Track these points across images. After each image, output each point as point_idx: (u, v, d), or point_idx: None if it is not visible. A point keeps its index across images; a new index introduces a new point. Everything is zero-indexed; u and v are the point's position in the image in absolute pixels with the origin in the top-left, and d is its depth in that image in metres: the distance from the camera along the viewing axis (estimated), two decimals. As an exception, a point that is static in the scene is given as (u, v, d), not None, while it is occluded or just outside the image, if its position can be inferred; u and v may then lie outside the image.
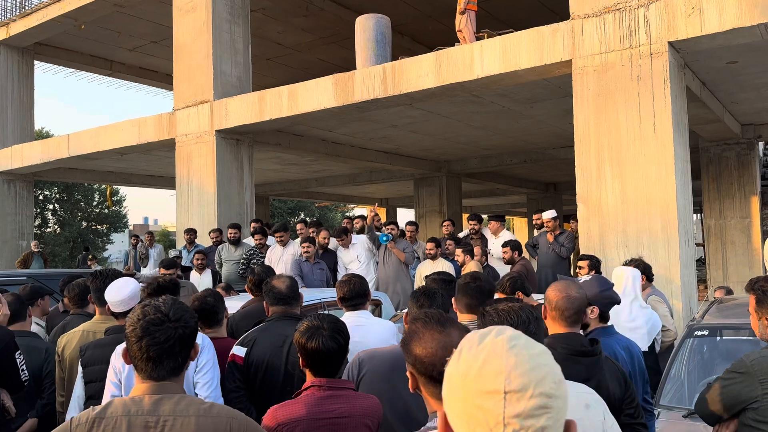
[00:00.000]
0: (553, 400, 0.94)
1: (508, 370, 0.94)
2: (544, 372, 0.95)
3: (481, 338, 1.00)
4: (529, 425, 0.91)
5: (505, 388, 0.93)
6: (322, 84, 8.89)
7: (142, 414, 1.91)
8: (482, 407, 0.93)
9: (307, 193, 20.66)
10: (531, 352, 0.97)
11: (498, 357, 0.96)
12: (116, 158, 12.95)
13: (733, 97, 9.34)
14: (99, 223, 36.64)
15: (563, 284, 2.69)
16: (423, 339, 1.60)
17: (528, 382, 0.93)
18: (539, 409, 0.92)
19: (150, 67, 16.89)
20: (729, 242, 11.73)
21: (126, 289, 3.43)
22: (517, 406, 0.92)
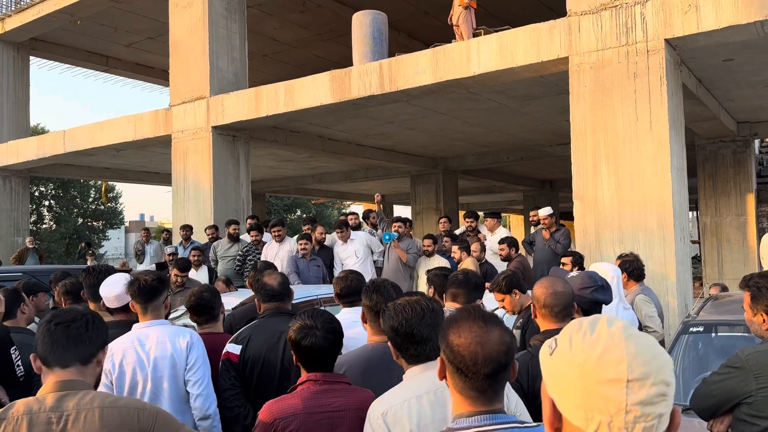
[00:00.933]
0: (670, 388, 0.97)
1: (629, 358, 0.97)
2: (663, 360, 0.98)
3: (592, 327, 1.02)
4: (649, 412, 0.95)
5: (628, 377, 0.95)
6: (318, 80, 8.88)
7: (45, 411, 1.91)
8: (604, 395, 0.96)
9: (304, 189, 20.65)
10: (647, 341, 1.00)
11: (617, 346, 0.98)
12: (112, 154, 12.91)
13: (729, 95, 9.36)
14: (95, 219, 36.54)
15: (548, 280, 2.72)
16: (461, 328, 1.57)
17: (649, 371, 0.96)
18: (659, 397, 0.95)
19: (146, 63, 16.84)
20: (724, 240, 11.76)
21: (120, 284, 3.43)
22: (639, 393, 0.95)
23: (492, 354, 1.53)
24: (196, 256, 8.68)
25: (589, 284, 3.08)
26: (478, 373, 1.52)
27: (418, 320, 2.10)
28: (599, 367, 0.97)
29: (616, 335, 1.00)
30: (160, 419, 2.04)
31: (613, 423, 0.94)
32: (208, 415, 3.04)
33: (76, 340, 2.04)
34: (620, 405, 0.94)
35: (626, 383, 0.95)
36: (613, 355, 0.97)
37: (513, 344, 1.60)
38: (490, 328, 1.58)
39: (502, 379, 1.56)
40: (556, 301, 2.58)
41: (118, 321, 3.43)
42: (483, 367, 1.52)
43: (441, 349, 1.60)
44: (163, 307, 3.22)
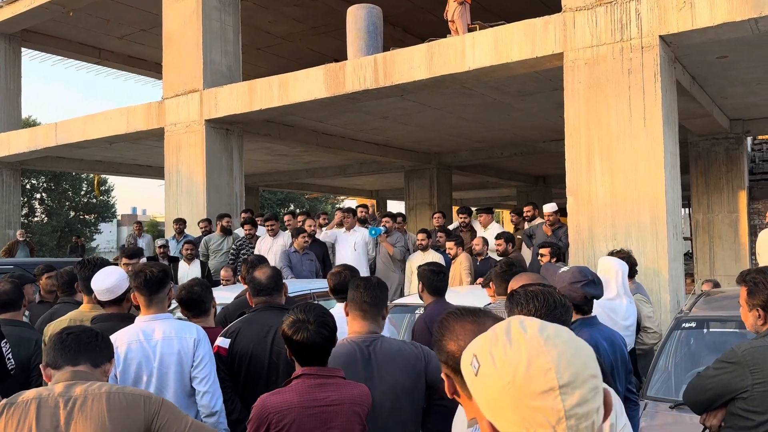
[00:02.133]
0: (598, 379, 0.96)
1: (555, 364, 0.94)
2: (584, 355, 0.97)
3: (509, 336, 0.99)
4: (588, 409, 0.93)
5: (559, 383, 0.93)
6: (312, 74, 8.84)
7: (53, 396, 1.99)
8: (540, 408, 0.93)
9: (297, 184, 20.60)
10: (563, 338, 0.98)
11: (540, 353, 0.95)
12: (104, 147, 12.84)
13: (723, 92, 9.38)
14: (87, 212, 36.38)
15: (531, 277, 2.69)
16: (455, 332, 1.47)
17: (577, 371, 0.94)
18: (592, 392, 0.94)
19: (139, 56, 16.73)
20: (716, 236, 11.82)
21: (112, 277, 3.41)
22: (574, 396, 0.93)
23: None
24: (189, 249, 8.65)
25: (580, 279, 3.08)
26: None
27: (548, 311, 2.05)
28: (528, 381, 0.93)
29: (535, 341, 0.97)
30: (165, 407, 2.10)
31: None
32: (215, 412, 3.01)
33: (86, 346, 2.16)
34: (559, 414, 0.92)
35: (559, 390, 0.92)
36: (538, 365, 0.94)
37: None
38: (483, 321, 1.51)
39: None
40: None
41: (110, 314, 3.41)
42: None
43: (441, 363, 1.48)
44: (167, 300, 3.20)
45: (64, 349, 2.14)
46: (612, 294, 4.15)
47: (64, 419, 1.95)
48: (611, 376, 2.93)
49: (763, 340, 2.46)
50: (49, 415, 1.95)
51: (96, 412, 1.98)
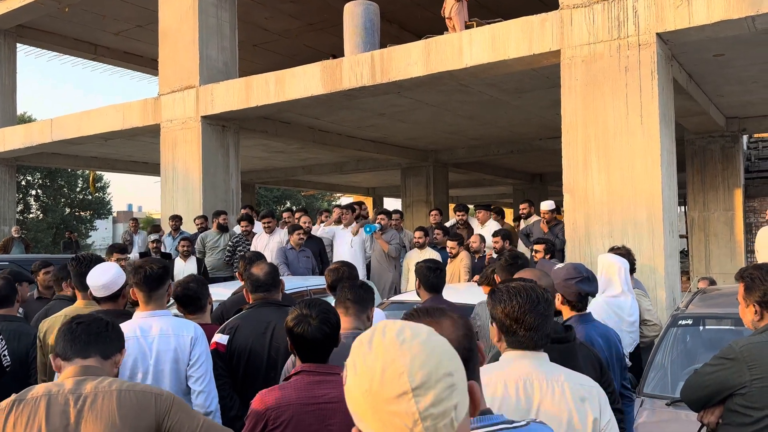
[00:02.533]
0: (455, 375, 0.96)
1: (407, 367, 0.95)
2: (438, 354, 0.97)
3: (369, 344, 1.00)
4: (444, 408, 0.94)
5: (411, 386, 0.93)
6: (309, 71, 8.82)
7: (63, 393, 1.95)
8: (396, 412, 0.94)
9: (294, 181, 20.57)
10: (419, 339, 0.98)
11: (394, 359, 0.96)
12: (100, 143, 12.79)
13: (719, 90, 9.40)
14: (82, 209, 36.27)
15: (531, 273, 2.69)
16: None
17: (430, 371, 0.95)
18: (447, 390, 0.95)
19: (135, 52, 16.67)
20: (712, 234, 11.85)
21: (107, 274, 3.39)
22: (427, 397, 0.93)
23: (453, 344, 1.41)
24: (185, 246, 8.63)
25: (574, 275, 3.08)
26: None
27: (531, 307, 2.06)
28: (383, 387, 0.94)
29: (391, 346, 0.97)
30: (176, 405, 2.08)
31: None
32: (210, 412, 3.00)
33: (96, 337, 2.14)
34: (414, 416, 0.92)
35: (412, 393, 0.93)
36: (392, 370, 0.95)
37: (469, 327, 1.53)
38: (440, 320, 1.52)
39: (473, 367, 1.48)
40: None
41: (106, 310, 3.39)
42: None
43: None
44: (166, 297, 3.19)
45: (74, 339, 2.11)
46: (617, 291, 4.14)
47: (74, 417, 1.92)
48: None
49: (760, 336, 2.46)
50: (59, 413, 1.92)
51: (106, 411, 1.96)
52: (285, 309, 3.43)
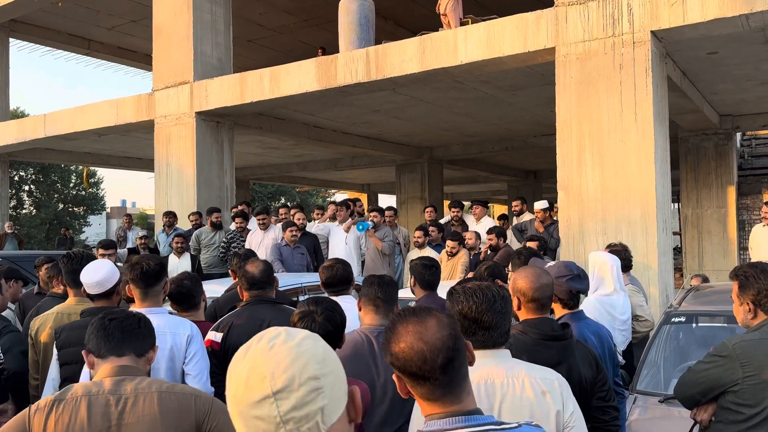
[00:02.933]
0: (322, 379, 0.97)
1: (270, 371, 0.96)
2: (305, 358, 0.98)
3: (246, 350, 1.02)
4: (307, 412, 0.95)
5: (272, 390, 0.95)
6: (304, 67, 8.80)
7: (103, 393, 1.93)
8: (259, 416, 0.95)
9: (288, 177, 20.54)
10: (290, 344, 1.00)
11: (259, 363, 0.98)
12: (94, 139, 12.73)
13: (713, 88, 9.43)
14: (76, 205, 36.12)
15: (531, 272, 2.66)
16: (398, 334, 1.48)
17: (292, 375, 0.96)
18: (311, 394, 0.96)
19: (129, 47, 16.58)
20: (705, 231, 11.90)
21: (102, 270, 3.37)
22: (288, 401, 0.94)
23: (437, 344, 1.44)
24: (179, 243, 8.60)
25: (565, 273, 3.08)
26: (434, 369, 1.43)
27: (488, 306, 2.06)
28: (247, 392, 0.96)
29: (260, 351, 0.99)
30: (215, 406, 2.06)
31: None
32: None
33: (130, 334, 2.12)
34: (276, 420, 0.94)
35: (273, 397, 0.94)
36: (256, 375, 0.96)
37: (455, 327, 1.52)
38: (425, 320, 1.50)
39: (460, 366, 1.48)
40: (540, 294, 2.56)
41: (100, 307, 3.38)
42: (434, 360, 1.43)
43: (389, 363, 1.51)
44: (162, 294, 3.18)
45: (107, 337, 2.08)
46: (609, 290, 4.14)
47: (115, 419, 1.91)
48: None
49: (753, 334, 2.48)
50: (101, 414, 1.90)
51: (147, 413, 1.94)
52: (279, 307, 3.43)
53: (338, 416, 0.98)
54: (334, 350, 1.06)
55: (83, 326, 3.22)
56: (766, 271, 2.51)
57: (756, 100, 10.29)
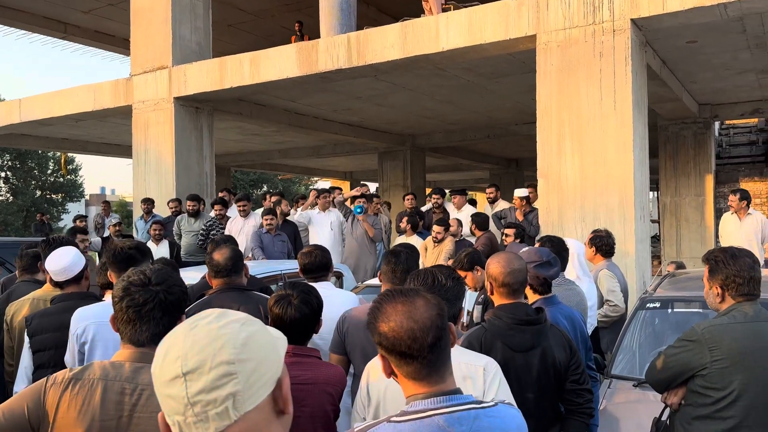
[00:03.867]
0: (237, 365, 0.95)
1: (185, 351, 0.96)
2: (222, 341, 0.96)
3: (175, 328, 1.02)
4: (215, 397, 0.93)
5: (183, 370, 0.94)
6: (285, 52, 8.71)
7: (120, 380, 1.86)
8: (170, 395, 0.95)
9: (270, 165, 20.40)
10: (213, 326, 0.98)
11: (176, 343, 0.98)
12: (71, 125, 12.52)
13: (692, 77, 9.51)
14: (54, 192, 35.61)
15: (504, 257, 2.69)
16: (385, 313, 1.51)
17: (204, 358, 0.95)
18: (222, 378, 0.94)
19: (106, 31, 16.30)
20: (683, 219, 12.05)
21: (65, 258, 3.33)
22: (197, 383, 0.94)
23: (426, 323, 1.48)
24: (157, 230, 8.53)
25: (534, 260, 3.11)
26: (423, 348, 1.46)
27: (427, 290, 2.04)
28: (162, 370, 0.97)
29: (181, 331, 0.99)
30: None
31: (187, 420, 0.94)
32: None
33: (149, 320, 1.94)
34: (184, 400, 0.94)
35: (183, 377, 0.94)
36: (172, 354, 0.96)
37: (442, 306, 1.55)
38: (413, 300, 1.53)
39: (445, 346, 1.51)
40: (512, 279, 2.61)
41: (70, 293, 3.34)
42: (424, 339, 1.46)
43: (377, 344, 1.53)
44: None
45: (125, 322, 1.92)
46: (572, 276, 4.20)
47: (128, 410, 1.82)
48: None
49: (721, 319, 2.51)
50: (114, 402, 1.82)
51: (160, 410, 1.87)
52: (248, 294, 3.39)
53: (256, 404, 0.96)
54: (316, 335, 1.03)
55: (54, 313, 3.20)
56: (736, 257, 2.54)
57: (734, 89, 10.39)
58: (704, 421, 2.45)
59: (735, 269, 2.50)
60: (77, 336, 2.88)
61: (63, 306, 3.19)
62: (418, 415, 1.44)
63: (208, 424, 0.94)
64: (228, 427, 0.94)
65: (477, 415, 1.47)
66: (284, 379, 1.02)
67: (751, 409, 2.34)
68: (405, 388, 1.53)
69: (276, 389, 1.00)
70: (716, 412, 2.39)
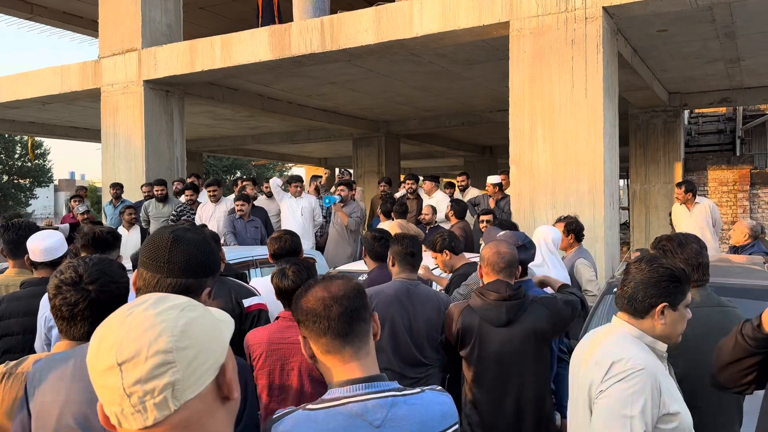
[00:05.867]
0: (175, 353, 0.91)
1: (119, 340, 0.92)
2: (159, 329, 0.92)
3: (109, 318, 0.97)
4: (153, 387, 0.90)
5: (117, 360, 0.91)
6: (257, 35, 8.60)
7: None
8: (106, 385, 0.92)
9: (243, 150, 20.20)
10: (149, 312, 0.94)
11: (111, 330, 0.94)
12: (38, 108, 12.23)
13: (663, 65, 9.62)
14: (21, 177, 34.85)
15: (495, 243, 3.00)
16: (308, 292, 1.58)
17: (140, 346, 0.91)
18: (159, 368, 0.90)
19: (74, 12, 15.88)
20: (652, 206, 12.25)
21: (51, 238, 3.31)
22: (133, 373, 0.90)
23: (339, 293, 1.54)
24: (130, 214, 8.39)
25: (511, 243, 3.17)
26: (332, 316, 1.50)
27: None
28: (97, 360, 0.93)
29: (116, 318, 0.95)
30: None
31: (124, 410, 0.91)
32: None
33: (81, 318, 1.84)
34: (120, 390, 0.90)
35: (119, 367, 0.90)
36: (106, 343, 0.93)
37: (360, 289, 1.59)
38: (332, 280, 1.60)
39: (360, 319, 1.54)
40: (498, 259, 2.90)
41: (42, 278, 3.28)
42: (335, 307, 1.51)
43: (297, 321, 1.59)
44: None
45: (59, 319, 1.83)
46: (537, 261, 4.25)
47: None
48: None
49: None
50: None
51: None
52: (221, 279, 3.36)
53: (197, 393, 0.93)
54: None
55: (23, 297, 3.14)
56: (683, 244, 2.56)
57: (703, 77, 10.56)
58: None
59: (683, 257, 2.53)
60: (45, 320, 2.85)
61: (33, 291, 3.13)
62: (333, 402, 1.45)
63: (146, 414, 0.90)
64: (167, 417, 0.91)
65: (395, 402, 1.47)
66: (228, 363, 0.98)
67: (693, 393, 2.38)
68: (325, 374, 1.54)
69: (219, 375, 0.96)
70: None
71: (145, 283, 1.76)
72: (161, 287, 1.74)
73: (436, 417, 1.51)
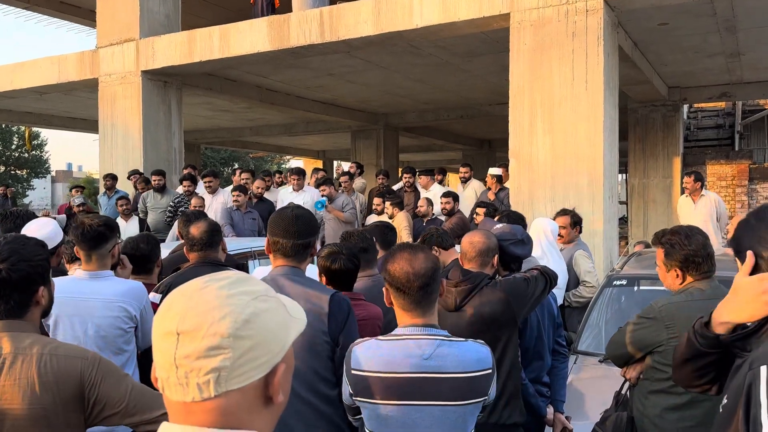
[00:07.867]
0: (232, 340, 0.89)
1: (186, 310, 0.91)
2: (225, 312, 0.90)
3: (188, 283, 0.97)
4: (200, 366, 0.89)
5: (178, 329, 0.90)
6: (256, 26, 8.55)
7: None
8: (162, 349, 0.91)
9: (241, 142, 20.14)
10: (222, 292, 0.93)
11: (183, 298, 0.93)
12: (35, 98, 12.17)
13: (663, 59, 9.60)
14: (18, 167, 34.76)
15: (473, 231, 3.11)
16: (394, 257, 2.04)
17: (201, 323, 0.90)
18: (213, 350, 0.89)
19: (72, 2, 15.79)
20: (651, 201, 12.24)
21: (46, 227, 3.27)
22: (188, 346, 0.89)
23: (420, 271, 1.98)
24: (124, 205, 8.37)
25: (507, 237, 3.12)
26: (412, 288, 1.98)
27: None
28: (162, 321, 0.93)
29: (191, 287, 0.94)
30: (102, 368, 1.90)
31: (170, 378, 0.91)
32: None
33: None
34: (171, 358, 0.90)
35: (177, 336, 0.90)
36: (175, 308, 0.92)
37: (437, 264, 2.03)
38: (417, 253, 2.04)
39: (432, 291, 2.01)
40: (469, 248, 2.93)
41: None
42: (414, 281, 1.97)
43: (384, 278, 2.06)
44: (110, 257, 2.99)
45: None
46: (537, 253, 4.24)
47: None
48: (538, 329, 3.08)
49: (678, 297, 2.55)
50: None
51: (25, 376, 1.78)
52: (224, 269, 3.35)
53: (241, 386, 0.91)
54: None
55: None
56: (690, 236, 2.55)
57: (703, 72, 10.53)
58: (660, 396, 2.50)
59: (692, 249, 2.52)
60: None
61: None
62: (397, 337, 2.02)
63: (187, 390, 0.90)
64: (205, 400, 0.90)
65: (442, 344, 1.98)
66: (281, 366, 0.95)
67: None
68: (398, 317, 2.07)
69: (270, 374, 0.94)
70: (671, 387, 2.42)
71: (280, 246, 2.41)
72: (295, 247, 2.40)
73: (473, 360, 1.99)
